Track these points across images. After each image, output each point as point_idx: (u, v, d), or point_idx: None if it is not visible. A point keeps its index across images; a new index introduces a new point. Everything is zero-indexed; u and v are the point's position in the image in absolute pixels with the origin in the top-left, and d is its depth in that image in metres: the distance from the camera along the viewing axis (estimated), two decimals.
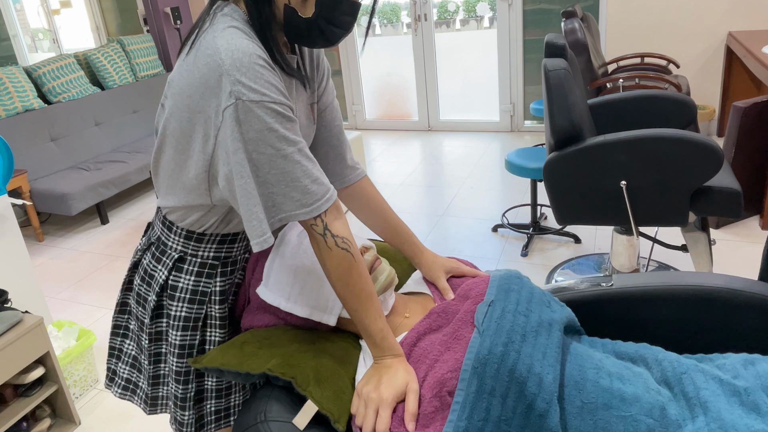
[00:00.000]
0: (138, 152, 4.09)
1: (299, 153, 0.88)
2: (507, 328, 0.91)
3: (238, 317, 1.14)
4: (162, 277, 1.05)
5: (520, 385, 0.84)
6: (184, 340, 1.06)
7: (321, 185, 0.91)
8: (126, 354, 1.18)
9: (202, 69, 0.85)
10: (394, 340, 0.96)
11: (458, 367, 0.88)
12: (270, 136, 0.85)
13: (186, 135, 0.91)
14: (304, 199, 0.89)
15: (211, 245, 1.05)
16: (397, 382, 0.90)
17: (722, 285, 1.06)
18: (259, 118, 0.84)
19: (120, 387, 1.20)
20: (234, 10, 0.91)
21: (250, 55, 0.84)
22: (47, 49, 5.64)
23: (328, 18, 0.90)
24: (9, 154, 2.02)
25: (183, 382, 1.07)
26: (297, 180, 0.88)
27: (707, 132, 4.06)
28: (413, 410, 0.87)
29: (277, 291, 1.04)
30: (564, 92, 1.89)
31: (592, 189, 1.96)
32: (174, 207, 1.00)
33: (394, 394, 0.89)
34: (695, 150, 1.78)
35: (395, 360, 0.94)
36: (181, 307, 1.05)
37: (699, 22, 3.80)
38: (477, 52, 6.60)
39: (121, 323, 1.18)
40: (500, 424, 0.83)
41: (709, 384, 0.88)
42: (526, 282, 1.05)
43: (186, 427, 1.09)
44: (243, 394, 1.13)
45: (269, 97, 0.84)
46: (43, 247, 3.50)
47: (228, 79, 0.83)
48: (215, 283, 1.06)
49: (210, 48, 0.85)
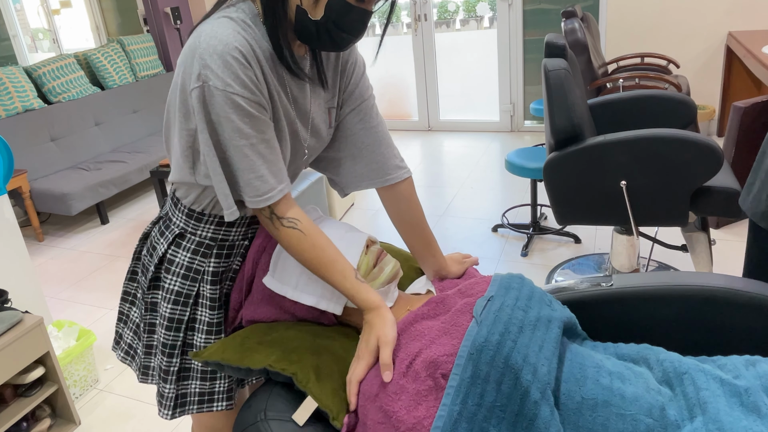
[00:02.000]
0: (138, 152, 4.09)
1: (249, 147, 0.91)
2: (505, 320, 0.91)
3: (234, 306, 1.15)
4: (162, 249, 1.09)
5: (515, 373, 0.84)
6: (174, 313, 1.09)
7: (265, 183, 0.94)
8: (131, 320, 1.22)
9: (185, 50, 0.91)
10: (367, 293, 0.99)
11: (454, 352, 0.88)
12: (226, 124, 0.89)
13: (172, 111, 0.96)
14: (247, 189, 0.94)
15: (210, 226, 1.08)
16: (370, 338, 0.95)
17: (722, 285, 1.06)
18: (219, 104, 0.88)
19: (123, 351, 1.24)
20: (245, 3, 0.94)
21: (225, 45, 0.87)
22: (47, 49, 5.64)
23: (338, 22, 0.90)
24: (9, 154, 2.02)
25: (168, 354, 1.10)
26: (242, 171, 0.92)
27: (707, 132, 4.06)
28: (386, 361, 0.91)
29: (283, 280, 1.05)
30: (564, 92, 1.89)
31: (592, 189, 1.96)
32: (176, 182, 1.04)
33: (367, 349, 0.95)
34: (695, 150, 1.78)
35: (373, 314, 0.97)
36: (175, 281, 1.09)
37: (699, 22, 3.80)
38: (477, 52, 6.60)
39: (130, 290, 1.22)
40: (494, 410, 0.83)
41: (709, 384, 0.88)
42: (528, 282, 1.05)
43: (165, 400, 1.12)
44: (228, 382, 1.14)
45: (232, 87, 0.87)
46: (43, 247, 3.50)
47: (199, 62, 0.87)
48: (209, 263, 1.09)
49: (197, 32, 0.90)
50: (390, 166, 1.14)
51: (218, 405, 1.14)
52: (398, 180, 1.15)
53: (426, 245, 1.19)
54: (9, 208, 2.05)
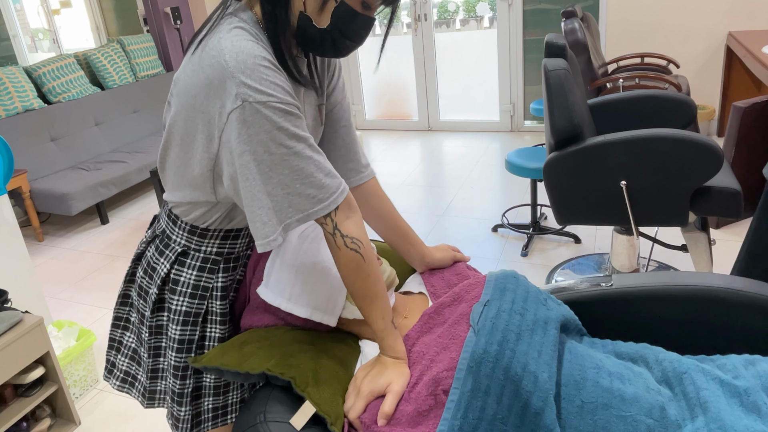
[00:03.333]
0: (138, 152, 4.09)
1: (310, 149, 0.88)
2: (502, 327, 0.91)
3: (238, 315, 1.14)
4: (164, 270, 1.05)
5: (516, 384, 0.84)
6: (184, 334, 1.06)
7: (334, 177, 0.91)
8: (126, 346, 1.18)
9: (206, 70, 0.85)
10: (395, 342, 0.96)
11: (453, 366, 0.88)
12: (280, 134, 0.85)
13: (190, 134, 0.91)
14: (320, 194, 0.89)
15: (215, 240, 1.05)
16: (379, 380, 0.92)
17: (722, 285, 1.06)
18: (267, 118, 0.83)
19: (118, 379, 1.20)
20: (245, 11, 0.91)
21: (254, 57, 0.83)
22: (47, 49, 5.64)
23: (343, 31, 0.90)
24: (9, 154, 2.02)
25: (181, 377, 1.07)
26: (311, 175, 0.88)
27: (707, 132, 4.06)
28: (387, 411, 0.89)
29: (277, 291, 1.04)
30: (564, 92, 1.89)
31: (592, 189, 1.96)
32: (179, 202, 1.00)
33: (371, 389, 0.92)
34: (695, 150, 1.78)
35: (392, 361, 0.95)
36: (182, 302, 1.05)
37: (699, 22, 3.80)
38: (477, 52, 6.60)
39: (122, 315, 1.18)
40: (495, 423, 0.83)
41: (709, 384, 0.88)
42: (522, 281, 1.05)
43: (182, 423, 1.09)
44: (240, 392, 1.12)
45: (275, 97, 0.84)
46: (43, 247, 3.50)
47: (233, 81, 0.82)
48: (217, 279, 1.06)
49: (215, 49, 0.85)
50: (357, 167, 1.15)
51: (232, 417, 1.12)
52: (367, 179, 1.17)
53: (404, 236, 1.20)
54: (9, 208, 2.05)
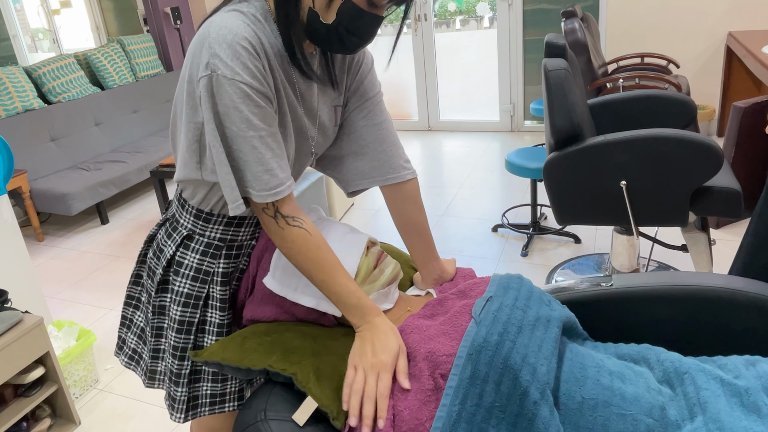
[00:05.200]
0: (138, 152, 4.09)
1: (258, 139, 0.90)
2: (503, 320, 0.91)
3: (240, 305, 1.15)
4: (170, 251, 1.09)
5: (514, 374, 0.84)
6: (184, 316, 1.08)
7: (273, 177, 0.92)
8: (135, 325, 1.21)
9: (195, 40, 0.90)
10: (370, 301, 0.97)
11: (453, 353, 0.88)
12: (235, 114, 0.88)
13: (179, 104, 0.95)
14: (255, 183, 0.92)
15: (218, 226, 1.07)
16: (391, 345, 0.92)
17: (722, 285, 1.06)
18: (228, 94, 0.86)
19: (126, 356, 1.23)
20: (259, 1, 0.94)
21: (235, 35, 0.86)
22: (47, 49, 5.64)
23: (349, 27, 0.90)
24: (9, 154, 2.02)
25: (179, 357, 1.10)
26: (250, 163, 0.91)
27: (707, 132, 4.06)
28: (405, 369, 0.90)
29: (284, 281, 1.05)
30: (564, 92, 1.89)
31: (592, 189, 1.96)
32: (180, 180, 1.03)
33: (392, 357, 0.91)
34: (695, 150, 1.78)
35: (378, 319, 0.95)
36: (184, 284, 1.08)
37: (699, 22, 3.80)
38: (477, 52, 6.60)
39: (134, 294, 1.21)
40: (493, 410, 0.83)
41: (710, 384, 0.88)
42: (527, 282, 1.05)
43: (178, 404, 1.11)
44: (239, 382, 1.14)
45: (241, 77, 0.86)
46: (43, 247, 3.50)
47: (208, 51, 0.86)
48: (218, 264, 1.08)
49: (208, 22, 0.90)
50: (394, 165, 1.13)
51: (230, 405, 1.13)
52: (401, 180, 1.14)
53: (427, 249, 1.19)
54: (9, 208, 2.05)
